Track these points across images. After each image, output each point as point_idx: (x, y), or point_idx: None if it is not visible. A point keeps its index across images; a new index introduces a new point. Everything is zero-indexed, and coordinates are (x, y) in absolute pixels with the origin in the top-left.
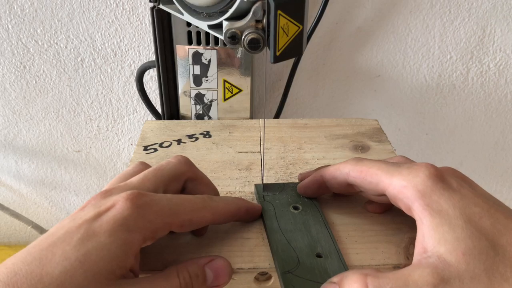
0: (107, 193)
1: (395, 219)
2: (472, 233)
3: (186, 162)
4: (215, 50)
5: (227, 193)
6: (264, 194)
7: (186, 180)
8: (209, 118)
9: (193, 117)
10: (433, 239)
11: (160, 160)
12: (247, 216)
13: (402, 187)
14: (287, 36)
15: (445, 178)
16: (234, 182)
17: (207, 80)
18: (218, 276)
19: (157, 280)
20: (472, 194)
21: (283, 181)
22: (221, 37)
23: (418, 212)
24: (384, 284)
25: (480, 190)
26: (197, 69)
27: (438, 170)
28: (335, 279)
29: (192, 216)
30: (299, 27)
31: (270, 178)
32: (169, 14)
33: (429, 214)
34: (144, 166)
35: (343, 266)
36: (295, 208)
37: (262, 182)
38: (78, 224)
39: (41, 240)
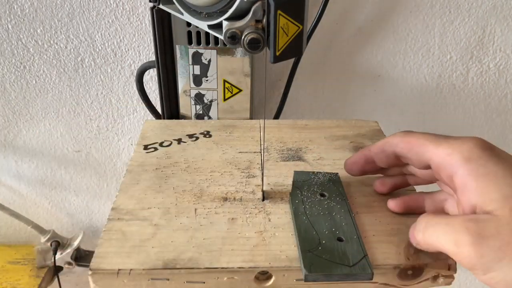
0: None
1: (395, 220)
2: None
3: None
4: (215, 50)
5: (227, 193)
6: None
7: None
8: (209, 118)
9: (193, 117)
10: (480, 201)
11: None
12: None
13: (447, 155)
14: (287, 36)
15: (494, 148)
16: (234, 181)
17: (207, 80)
18: None
19: None
20: None
21: (283, 181)
22: (221, 37)
23: (462, 178)
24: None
25: None
26: (197, 69)
27: (487, 142)
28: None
29: None
30: (299, 27)
31: (270, 178)
32: (169, 14)
33: (473, 179)
34: None
35: (362, 251)
36: (322, 195)
37: (262, 182)
38: None
39: None
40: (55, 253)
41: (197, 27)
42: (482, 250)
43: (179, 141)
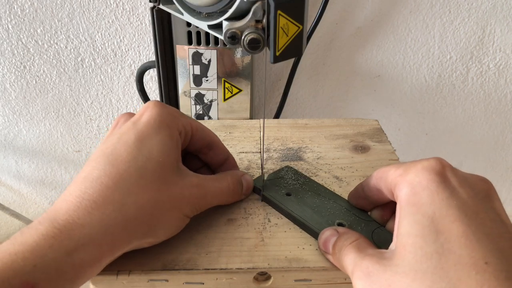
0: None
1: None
2: (429, 235)
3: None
4: (215, 50)
5: None
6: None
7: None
8: (209, 118)
9: (193, 117)
10: (398, 230)
11: None
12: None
13: (399, 175)
14: (287, 36)
15: (444, 174)
16: None
17: (207, 80)
18: (248, 187)
19: (211, 179)
20: (470, 200)
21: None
22: (221, 37)
23: (400, 202)
24: (365, 249)
25: (498, 210)
26: (197, 69)
27: (441, 165)
28: (340, 229)
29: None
30: (299, 27)
31: None
32: (169, 14)
33: (402, 206)
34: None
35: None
36: (288, 194)
37: (262, 182)
38: (124, 130)
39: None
40: None
41: (197, 27)
42: (366, 286)
43: None
